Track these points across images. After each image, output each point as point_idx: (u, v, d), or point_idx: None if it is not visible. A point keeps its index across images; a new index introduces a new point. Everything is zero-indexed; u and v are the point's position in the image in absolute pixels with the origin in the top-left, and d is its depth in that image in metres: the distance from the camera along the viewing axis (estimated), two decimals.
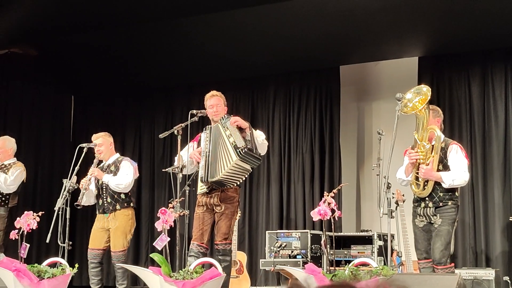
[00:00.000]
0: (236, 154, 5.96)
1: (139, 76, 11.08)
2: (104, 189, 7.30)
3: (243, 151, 5.95)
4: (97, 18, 9.34)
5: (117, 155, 7.59)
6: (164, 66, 10.56)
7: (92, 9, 9.03)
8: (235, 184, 6.22)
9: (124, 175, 7.27)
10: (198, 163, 6.36)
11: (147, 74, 10.95)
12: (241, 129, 6.18)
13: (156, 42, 9.89)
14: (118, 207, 7.24)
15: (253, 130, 6.25)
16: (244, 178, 6.24)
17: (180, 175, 6.16)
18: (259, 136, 6.29)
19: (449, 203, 5.81)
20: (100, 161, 7.52)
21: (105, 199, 7.30)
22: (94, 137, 7.58)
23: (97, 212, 7.46)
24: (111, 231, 7.26)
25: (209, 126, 6.39)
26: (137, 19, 9.29)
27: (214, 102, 6.46)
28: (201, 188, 6.28)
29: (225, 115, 6.37)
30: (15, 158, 8.18)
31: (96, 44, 10.17)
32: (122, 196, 7.27)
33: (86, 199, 7.40)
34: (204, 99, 6.63)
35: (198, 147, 6.45)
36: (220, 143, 6.16)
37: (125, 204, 7.28)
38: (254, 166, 6.21)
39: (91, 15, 9.22)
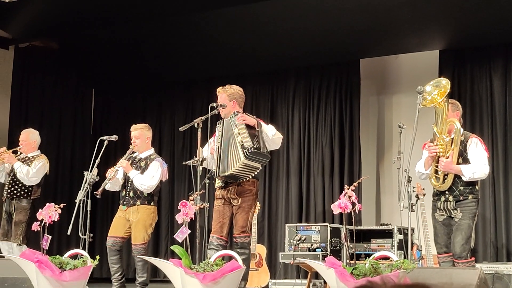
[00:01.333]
0: (243, 154, 5.96)
1: (159, 69, 11.11)
2: (129, 182, 7.34)
3: (249, 151, 5.93)
4: (118, 13, 9.38)
5: (151, 150, 7.59)
6: (184, 59, 10.58)
7: (113, 3, 9.07)
8: (250, 177, 6.21)
9: (150, 177, 7.28)
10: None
11: (167, 67, 10.98)
12: (249, 126, 6.15)
13: (176, 36, 9.92)
14: (138, 203, 7.29)
15: (262, 125, 6.21)
16: (255, 173, 6.23)
17: (200, 168, 6.17)
18: (269, 132, 6.24)
19: (470, 197, 5.78)
20: (133, 152, 7.55)
21: (128, 192, 7.34)
22: (133, 127, 7.59)
23: (120, 202, 7.49)
24: (132, 223, 7.30)
25: (222, 120, 6.38)
26: (157, 13, 9.32)
27: (218, 100, 6.45)
28: (218, 181, 6.29)
29: (235, 112, 6.32)
30: (39, 151, 8.23)
31: (116, 38, 10.21)
32: (145, 194, 7.30)
33: (111, 185, 7.44)
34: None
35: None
36: (230, 140, 6.15)
37: (146, 202, 7.32)
38: (263, 163, 6.22)
39: (112, 9, 9.27)
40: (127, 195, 7.35)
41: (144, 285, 7.34)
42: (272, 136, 6.25)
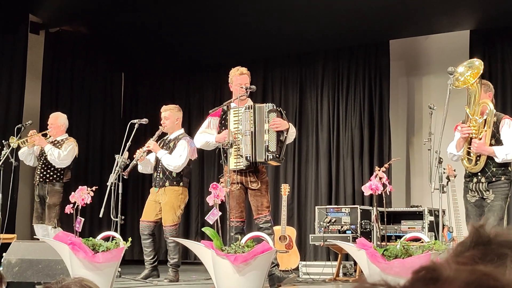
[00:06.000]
0: (264, 156, 6.07)
1: (187, 53, 11.13)
2: (160, 163, 7.39)
3: (269, 157, 6.09)
4: None
5: (181, 131, 7.64)
6: (212, 43, 10.58)
7: None
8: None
9: (177, 157, 7.32)
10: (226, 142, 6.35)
11: (196, 51, 11.00)
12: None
13: (205, 19, 9.92)
14: (167, 184, 7.33)
15: (290, 128, 6.29)
16: None
17: (230, 150, 6.20)
18: (292, 134, 6.40)
19: (502, 178, 5.73)
20: (164, 133, 7.61)
21: (158, 173, 7.40)
22: (163, 108, 7.67)
23: (152, 184, 7.57)
24: (162, 205, 7.36)
25: (251, 105, 6.35)
26: None
27: (244, 81, 6.45)
28: (238, 164, 6.26)
29: (270, 104, 6.33)
30: (67, 134, 8.29)
31: (145, 22, 10.24)
32: (173, 174, 7.34)
33: (143, 167, 7.51)
34: (253, 75, 6.64)
35: (223, 124, 6.42)
36: (260, 131, 6.19)
37: (174, 183, 7.36)
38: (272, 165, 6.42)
39: None
40: (157, 176, 7.42)
41: (176, 267, 7.41)
42: (292, 138, 6.45)
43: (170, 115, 7.53)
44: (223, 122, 6.41)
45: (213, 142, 6.39)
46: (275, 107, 6.26)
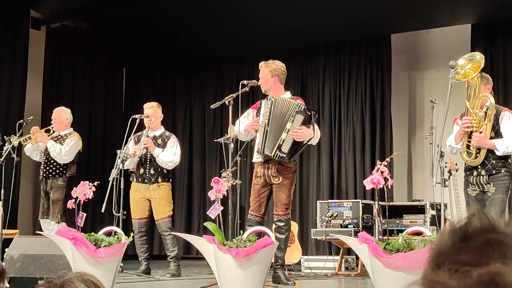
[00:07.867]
0: (273, 152, 6.03)
1: (189, 47, 11.12)
2: (148, 160, 7.43)
3: (277, 156, 6.07)
4: None
5: (162, 127, 7.73)
6: (214, 37, 10.57)
7: None
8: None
9: (172, 154, 7.47)
10: (256, 131, 6.36)
11: (198, 45, 10.99)
12: None
13: (207, 13, 9.90)
14: (160, 180, 7.39)
15: (311, 140, 6.23)
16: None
17: (232, 145, 6.20)
18: (316, 139, 6.37)
19: (502, 171, 5.73)
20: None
21: (147, 170, 7.43)
22: (146, 105, 7.70)
23: (134, 180, 7.55)
24: (154, 200, 7.40)
25: (273, 97, 6.34)
26: None
27: (259, 75, 6.47)
28: (257, 157, 6.31)
29: (303, 105, 6.26)
30: (71, 129, 8.29)
31: (146, 17, 10.22)
32: (165, 170, 7.43)
33: (129, 163, 7.53)
34: (255, 69, 6.65)
35: (257, 115, 6.44)
36: (278, 127, 6.15)
37: (166, 179, 7.48)
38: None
39: None
40: (146, 172, 7.43)
41: (177, 260, 7.44)
42: (314, 143, 6.43)
43: (155, 112, 7.65)
44: (258, 114, 6.43)
45: (242, 131, 6.41)
46: (305, 109, 6.18)
